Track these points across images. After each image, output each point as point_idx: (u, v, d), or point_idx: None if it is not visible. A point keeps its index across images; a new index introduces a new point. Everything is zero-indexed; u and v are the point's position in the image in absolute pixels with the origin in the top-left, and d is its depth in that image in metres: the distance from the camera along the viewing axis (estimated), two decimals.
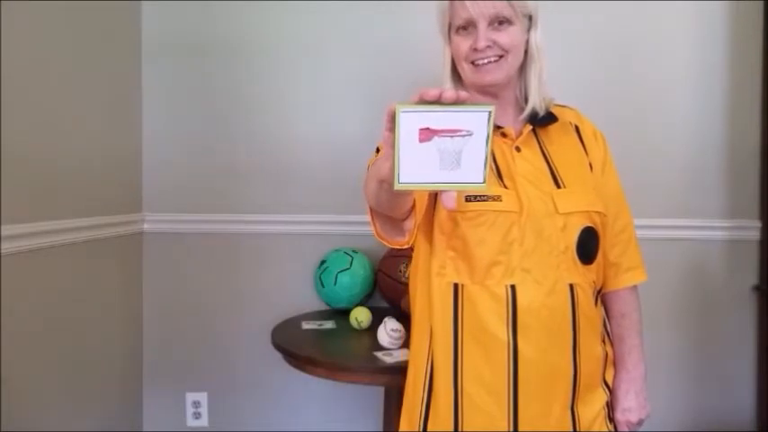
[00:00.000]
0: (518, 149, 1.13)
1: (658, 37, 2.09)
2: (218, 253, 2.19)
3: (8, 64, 1.49)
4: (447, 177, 0.67)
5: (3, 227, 1.46)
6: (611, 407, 1.19)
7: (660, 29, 2.09)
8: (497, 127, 1.13)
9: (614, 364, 1.22)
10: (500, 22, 1.08)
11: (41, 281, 1.64)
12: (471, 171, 0.67)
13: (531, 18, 1.13)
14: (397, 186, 0.68)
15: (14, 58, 1.51)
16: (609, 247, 1.19)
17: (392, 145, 0.67)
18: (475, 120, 0.66)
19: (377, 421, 2.06)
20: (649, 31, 2.09)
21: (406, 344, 1.60)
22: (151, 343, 2.21)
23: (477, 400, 1.08)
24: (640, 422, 1.19)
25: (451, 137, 0.66)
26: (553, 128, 1.17)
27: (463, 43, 1.11)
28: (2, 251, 1.46)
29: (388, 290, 1.99)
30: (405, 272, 1.94)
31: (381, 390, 1.86)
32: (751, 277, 2.12)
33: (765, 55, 2.06)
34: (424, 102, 0.66)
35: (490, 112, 0.65)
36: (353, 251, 2.04)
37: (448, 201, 0.70)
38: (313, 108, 2.16)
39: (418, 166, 0.66)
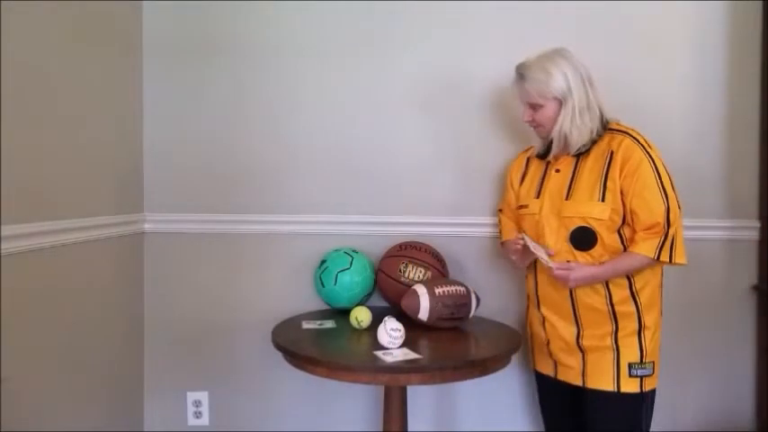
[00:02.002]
0: (557, 171, 1.72)
1: (657, 37, 2.09)
2: (219, 253, 2.19)
3: (8, 64, 1.49)
4: (539, 255, 1.66)
5: (3, 227, 1.46)
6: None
7: (659, 29, 2.09)
8: (542, 156, 1.78)
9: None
10: (534, 106, 1.68)
11: (41, 281, 1.64)
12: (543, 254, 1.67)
13: (561, 99, 1.64)
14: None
15: (14, 58, 1.51)
16: (635, 232, 1.61)
17: (524, 251, 1.72)
18: (543, 251, 1.67)
19: (377, 421, 2.06)
20: (648, 31, 2.09)
21: (405, 343, 1.61)
22: (152, 342, 2.21)
23: (531, 322, 1.87)
24: (557, 275, 1.63)
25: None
26: (594, 153, 1.66)
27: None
28: (2, 251, 1.46)
29: (388, 290, 1.99)
30: (404, 272, 1.95)
31: (381, 389, 1.86)
32: (750, 277, 2.12)
33: (764, 55, 2.06)
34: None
35: (550, 255, 1.67)
36: (353, 251, 2.05)
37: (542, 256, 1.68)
38: (314, 108, 2.16)
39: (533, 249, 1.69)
